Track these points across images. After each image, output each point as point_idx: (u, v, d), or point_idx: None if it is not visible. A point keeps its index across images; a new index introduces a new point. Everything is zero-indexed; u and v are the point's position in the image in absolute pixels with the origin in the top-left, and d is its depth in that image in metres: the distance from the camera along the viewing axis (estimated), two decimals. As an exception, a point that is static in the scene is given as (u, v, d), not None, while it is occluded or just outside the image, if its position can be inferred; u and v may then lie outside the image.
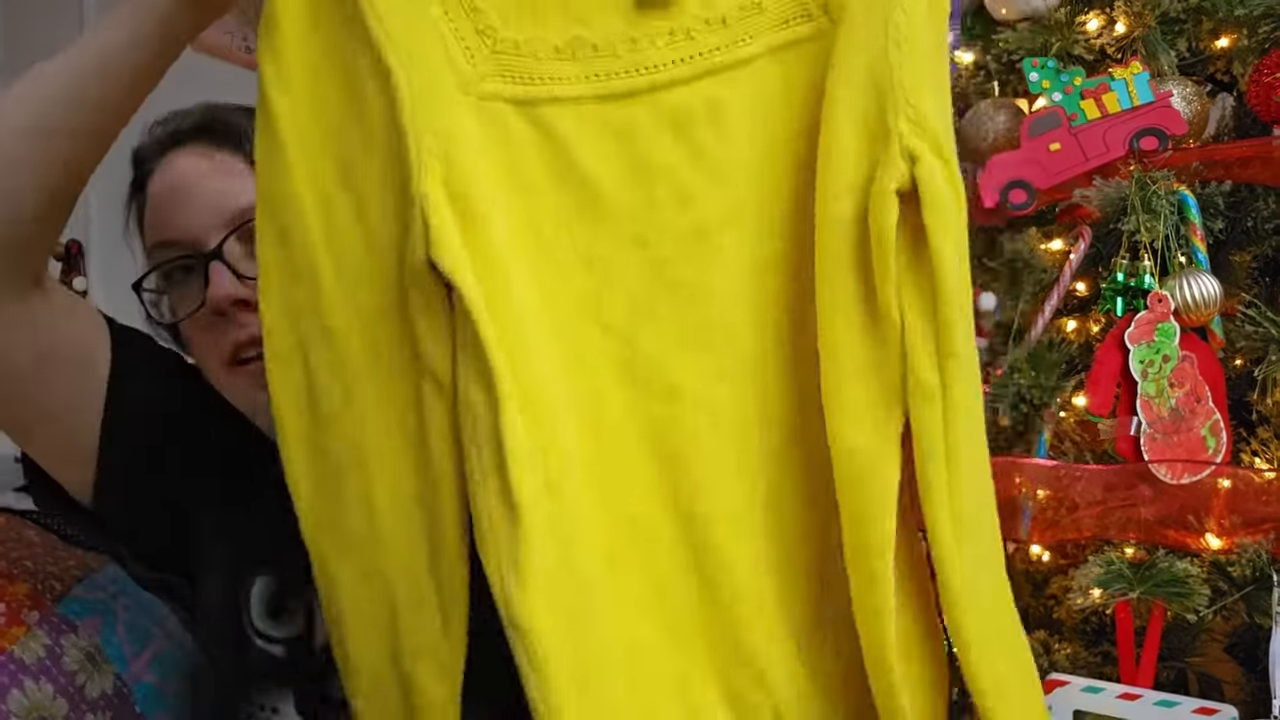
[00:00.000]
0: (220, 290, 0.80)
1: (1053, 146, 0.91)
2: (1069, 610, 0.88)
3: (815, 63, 0.60)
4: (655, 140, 0.61)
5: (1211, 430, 0.81)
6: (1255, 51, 0.89)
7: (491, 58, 0.60)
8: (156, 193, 0.86)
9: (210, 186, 0.83)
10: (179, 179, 0.84)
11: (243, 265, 0.81)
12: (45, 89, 0.73)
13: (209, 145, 0.85)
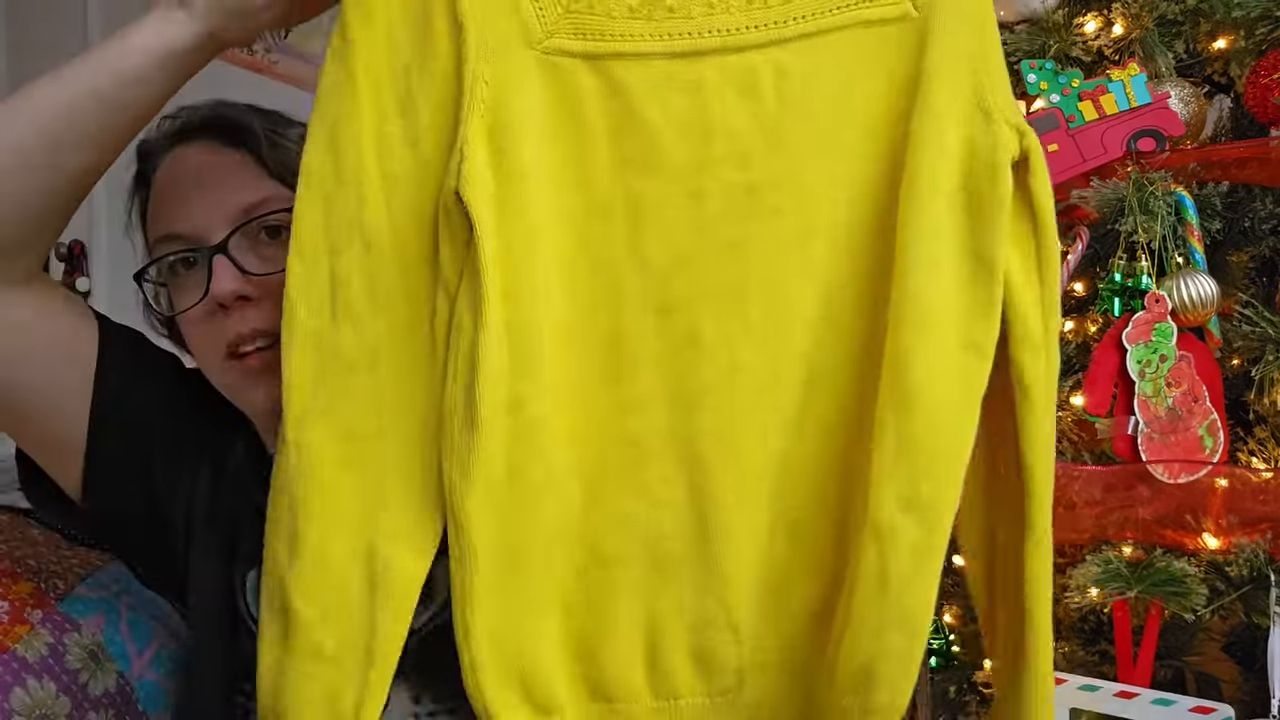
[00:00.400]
0: (223, 285, 0.80)
1: (1051, 148, 0.91)
2: (1067, 609, 0.88)
3: (897, 45, 0.62)
4: (720, 99, 0.63)
5: (1209, 430, 0.81)
6: (1252, 53, 0.89)
7: (565, 17, 0.64)
8: (162, 186, 0.86)
9: (216, 182, 0.83)
10: (185, 173, 0.85)
11: (246, 261, 0.81)
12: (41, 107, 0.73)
13: (217, 142, 0.85)
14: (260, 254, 0.82)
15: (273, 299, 0.77)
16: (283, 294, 0.74)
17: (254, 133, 0.84)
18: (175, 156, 0.85)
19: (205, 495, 0.89)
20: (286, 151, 0.84)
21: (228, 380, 0.84)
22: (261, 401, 0.83)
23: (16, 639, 0.86)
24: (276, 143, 0.84)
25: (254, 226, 0.81)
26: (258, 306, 0.81)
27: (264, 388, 0.81)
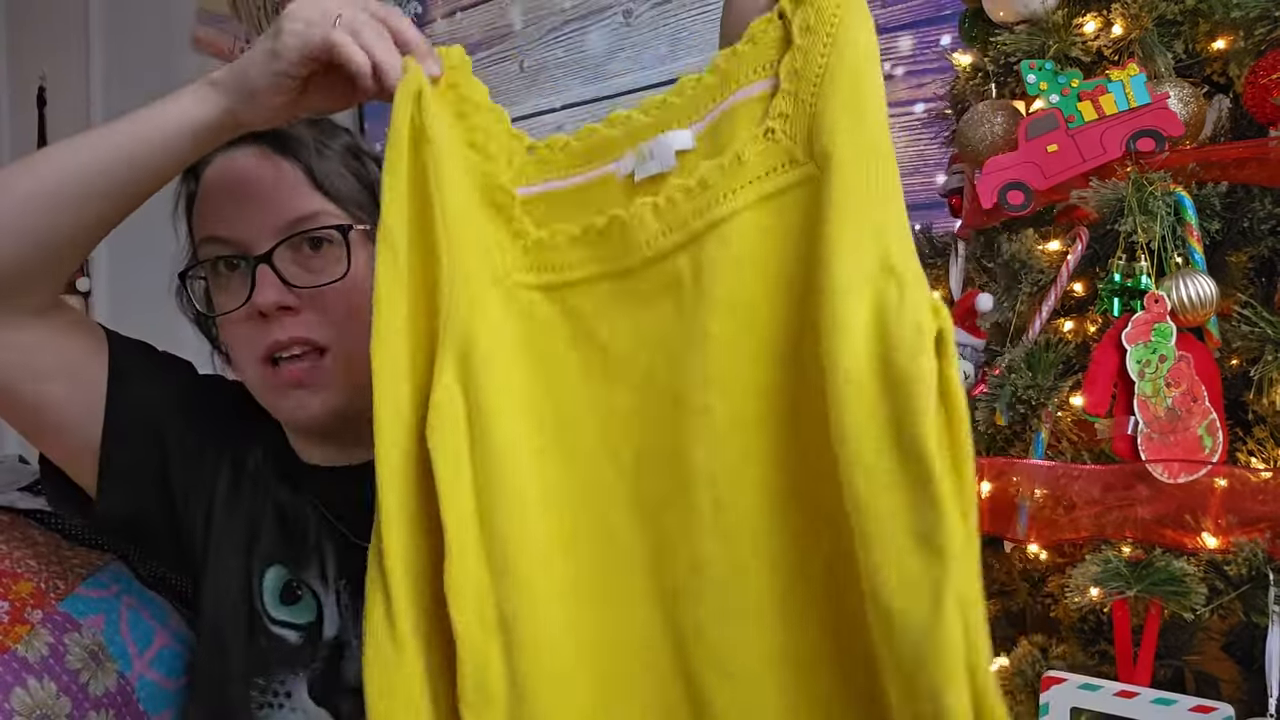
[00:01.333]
0: (267, 295, 0.83)
1: (1050, 148, 0.91)
2: (1066, 609, 0.88)
3: (803, 208, 0.62)
4: (651, 308, 0.66)
5: (1208, 430, 0.81)
6: (1252, 53, 0.89)
7: (523, 255, 0.69)
8: (213, 185, 0.88)
9: (264, 191, 0.86)
10: (238, 178, 0.86)
11: (289, 272, 0.84)
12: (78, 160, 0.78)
13: (271, 150, 0.87)
14: (304, 265, 0.84)
15: (313, 309, 0.83)
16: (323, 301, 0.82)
17: (304, 143, 0.86)
18: (228, 156, 0.87)
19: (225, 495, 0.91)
20: (331, 162, 0.86)
21: (262, 385, 0.86)
22: (290, 410, 0.86)
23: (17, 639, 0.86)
24: (324, 153, 0.86)
25: (298, 239, 0.84)
26: (298, 315, 0.84)
27: (295, 399, 0.84)
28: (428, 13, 2.62)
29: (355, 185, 0.88)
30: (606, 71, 2.21)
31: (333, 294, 0.85)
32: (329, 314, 0.85)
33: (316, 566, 0.90)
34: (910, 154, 1.75)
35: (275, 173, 0.86)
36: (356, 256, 0.85)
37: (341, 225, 0.85)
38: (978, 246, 1.05)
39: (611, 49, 2.20)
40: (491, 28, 2.47)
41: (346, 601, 0.89)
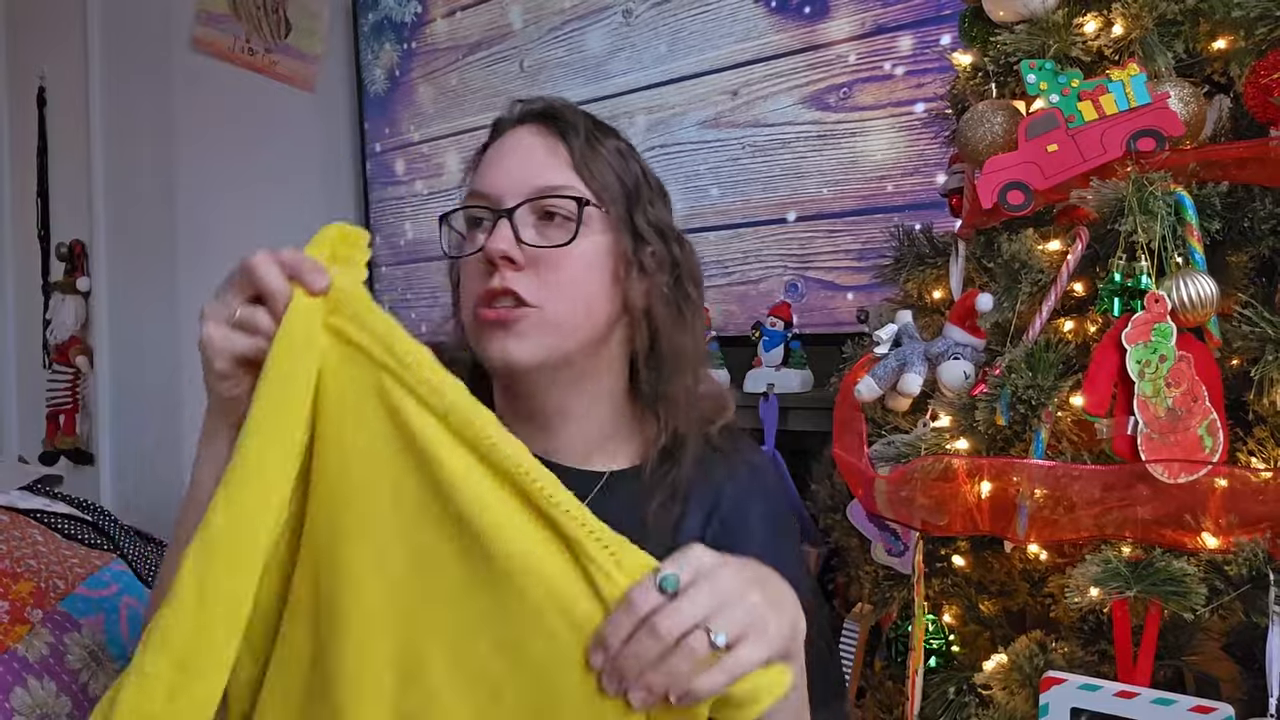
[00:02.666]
0: (497, 243, 0.90)
1: (1050, 148, 0.91)
2: (1066, 609, 0.88)
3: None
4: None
5: (1208, 430, 0.81)
6: (1252, 53, 0.89)
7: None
8: (492, 154, 0.98)
9: (526, 159, 0.95)
10: (510, 148, 0.96)
11: (524, 231, 0.91)
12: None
13: (545, 128, 0.95)
14: (540, 230, 0.93)
15: (533, 269, 0.92)
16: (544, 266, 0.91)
17: (576, 130, 0.95)
18: (512, 133, 0.97)
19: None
20: (594, 150, 0.95)
21: (472, 326, 0.95)
22: (494, 351, 0.92)
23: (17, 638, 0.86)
24: (591, 142, 0.95)
25: (541, 205, 0.93)
26: (519, 271, 0.92)
27: (499, 341, 0.92)
28: (427, 12, 2.62)
29: (613, 177, 0.95)
30: (606, 71, 2.21)
31: (553, 258, 0.91)
32: (544, 276, 0.91)
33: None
34: (910, 154, 1.75)
35: (542, 146, 0.95)
36: (585, 232, 0.92)
37: (578, 197, 0.92)
38: (978, 246, 1.05)
39: (611, 49, 2.20)
40: (491, 28, 2.47)
41: None
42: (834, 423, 1.03)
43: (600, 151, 0.95)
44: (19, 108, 3.05)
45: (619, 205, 0.94)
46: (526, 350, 0.92)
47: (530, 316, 0.91)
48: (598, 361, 0.95)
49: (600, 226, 0.94)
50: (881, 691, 1.14)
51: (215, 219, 2.60)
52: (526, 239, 0.91)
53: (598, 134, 0.96)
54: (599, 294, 0.93)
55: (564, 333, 0.92)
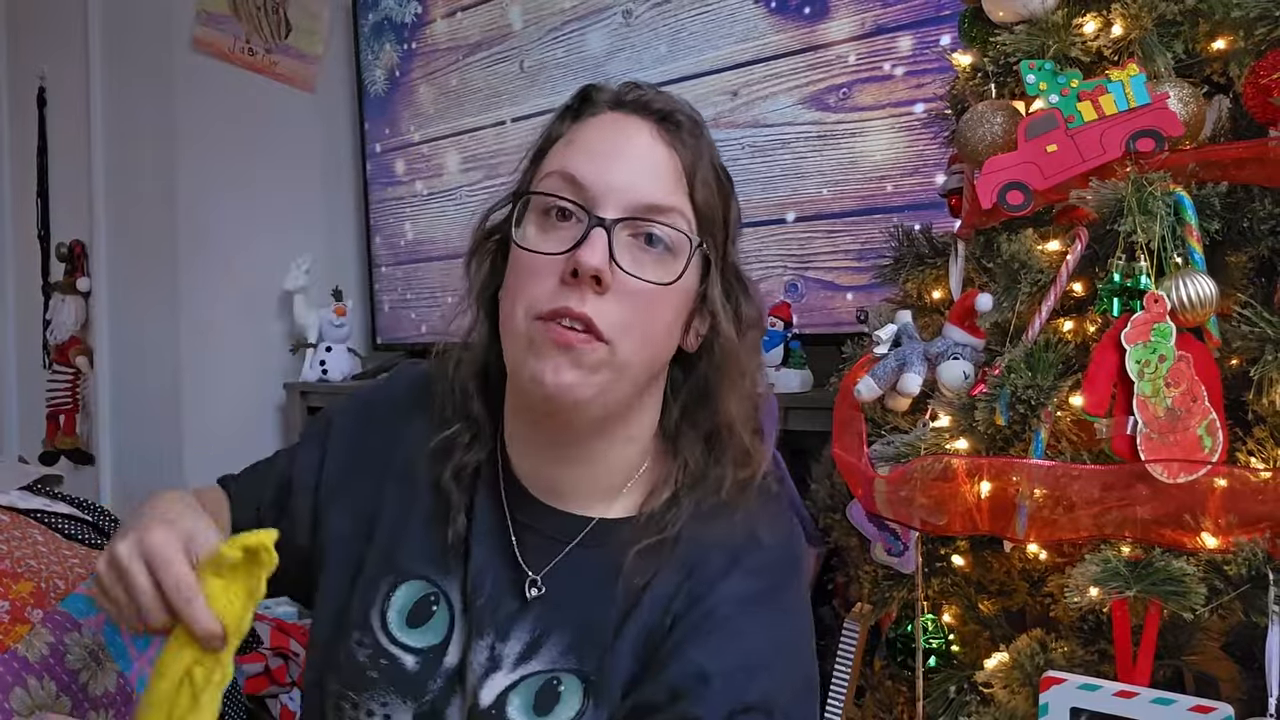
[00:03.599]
0: (592, 258, 0.78)
1: (1050, 148, 0.91)
2: (1066, 608, 0.88)
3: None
4: None
5: (1208, 430, 0.81)
6: (1252, 53, 0.89)
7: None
8: (589, 132, 0.85)
9: (640, 165, 0.82)
10: (620, 137, 0.83)
11: (621, 251, 0.80)
12: None
13: (669, 133, 0.84)
14: (634, 253, 0.81)
15: (616, 298, 0.79)
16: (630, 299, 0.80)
17: (692, 145, 0.84)
18: (624, 118, 0.85)
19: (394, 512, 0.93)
20: (705, 171, 0.84)
21: (525, 335, 0.81)
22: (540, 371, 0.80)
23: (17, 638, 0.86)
24: (702, 160, 0.84)
25: (643, 225, 0.81)
26: (601, 296, 0.79)
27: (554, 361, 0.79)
28: (428, 13, 2.63)
29: (717, 205, 0.85)
30: (606, 72, 2.21)
31: (644, 293, 0.81)
32: (626, 311, 0.80)
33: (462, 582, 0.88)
34: (910, 154, 1.75)
35: (658, 152, 0.83)
36: (689, 272, 0.83)
37: (692, 237, 0.82)
38: (977, 246, 1.05)
39: (611, 49, 2.20)
40: (491, 28, 2.47)
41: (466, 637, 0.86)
42: (834, 423, 1.03)
43: (709, 171, 0.85)
44: (19, 108, 3.05)
45: (717, 242, 0.85)
46: (583, 385, 0.80)
47: (600, 351, 0.79)
48: (641, 402, 0.86)
49: (696, 263, 0.83)
50: (881, 691, 1.14)
51: (215, 219, 2.60)
52: (623, 263, 0.80)
53: (710, 149, 0.86)
54: (670, 338, 0.84)
55: (627, 376, 0.81)
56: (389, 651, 0.87)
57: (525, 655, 0.84)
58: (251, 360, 2.66)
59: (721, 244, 0.85)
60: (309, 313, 2.62)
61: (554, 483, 0.88)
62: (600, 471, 0.87)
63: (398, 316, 2.75)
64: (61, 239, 2.85)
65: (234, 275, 2.62)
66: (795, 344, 1.75)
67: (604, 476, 0.88)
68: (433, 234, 2.64)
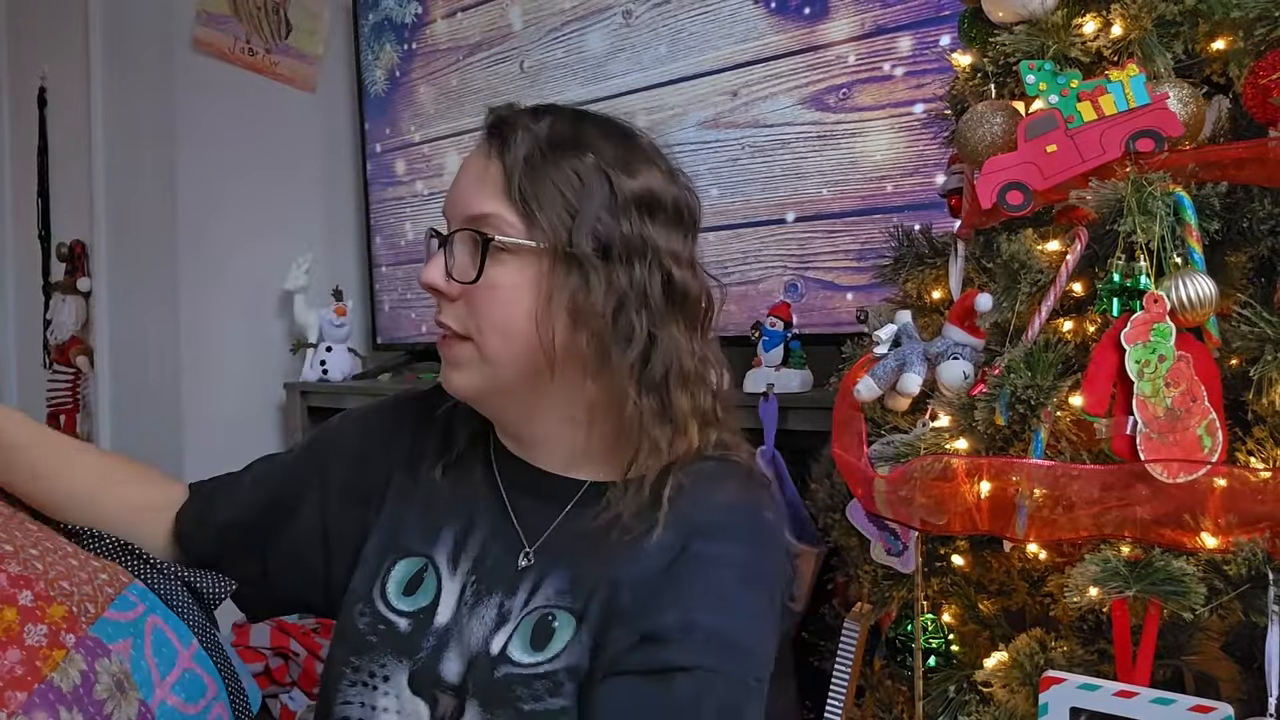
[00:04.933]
0: (426, 275, 0.93)
1: (1049, 148, 0.91)
2: (1065, 608, 0.88)
3: None
4: None
5: (1207, 430, 0.81)
6: (1251, 54, 0.89)
7: None
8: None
9: (468, 182, 0.93)
10: (466, 162, 0.95)
11: (456, 260, 0.92)
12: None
13: (490, 144, 0.93)
14: (470, 258, 0.91)
15: (466, 301, 0.91)
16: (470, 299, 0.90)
17: (518, 149, 0.90)
18: (475, 146, 0.95)
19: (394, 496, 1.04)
20: (540, 174, 0.89)
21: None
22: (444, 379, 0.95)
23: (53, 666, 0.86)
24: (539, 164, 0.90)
25: (463, 235, 0.92)
26: (453, 302, 0.92)
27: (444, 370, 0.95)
28: (428, 13, 2.63)
29: (557, 202, 0.89)
30: (606, 72, 2.21)
31: (476, 291, 0.90)
32: (471, 309, 0.91)
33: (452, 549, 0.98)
34: (910, 154, 1.75)
35: (481, 167, 0.93)
36: (492, 266, 0.90)
37: (484, 235, 0.90)
38: (977, 246, 1.05)
39: (611, 49, 2.20)
40: (491, 28, 2.47)
41: (469, 599, 0.94)
42: (833, 422, 1.03)
43: (547, 172, 0.89)
44: (19, 108, 3.05)
45: (557, 233, 0.88)
46: (463, 381, 0.93)
47: (465, 348, 0.92)
48: (552, 389, 0.92)
49: (531, 257, 0.90)
50: (881, 691, 1.14)
51: (215, 219, 2.60)
52: (455, 272, 0.91)
53: (553, 154, 0.90)
54: (524, 327, 0.89)
55: (497, 365, 0.91)
56: (385, 617, 0.96)
57: (527, 600, 0.92)
58: (251, 360, 2.66)
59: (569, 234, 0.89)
60: (309, 313, 2.62)
61: (533, 457, 0.98)
62: (556, 446, 0.97)
63: (398, 316, 2.75)
64: (62, 239, 2.85)
65: (234, 275, 2.62)
66: (795, 344, 1.75)
67: (569, 449, 0.96)
68: (433, 234, 2.64)
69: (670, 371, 0.91)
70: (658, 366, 0.90)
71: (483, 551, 0.96)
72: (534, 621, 0.90)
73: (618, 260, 0.89)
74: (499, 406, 0.97)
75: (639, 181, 0.91)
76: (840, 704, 1.12)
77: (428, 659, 0.92)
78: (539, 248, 0.89)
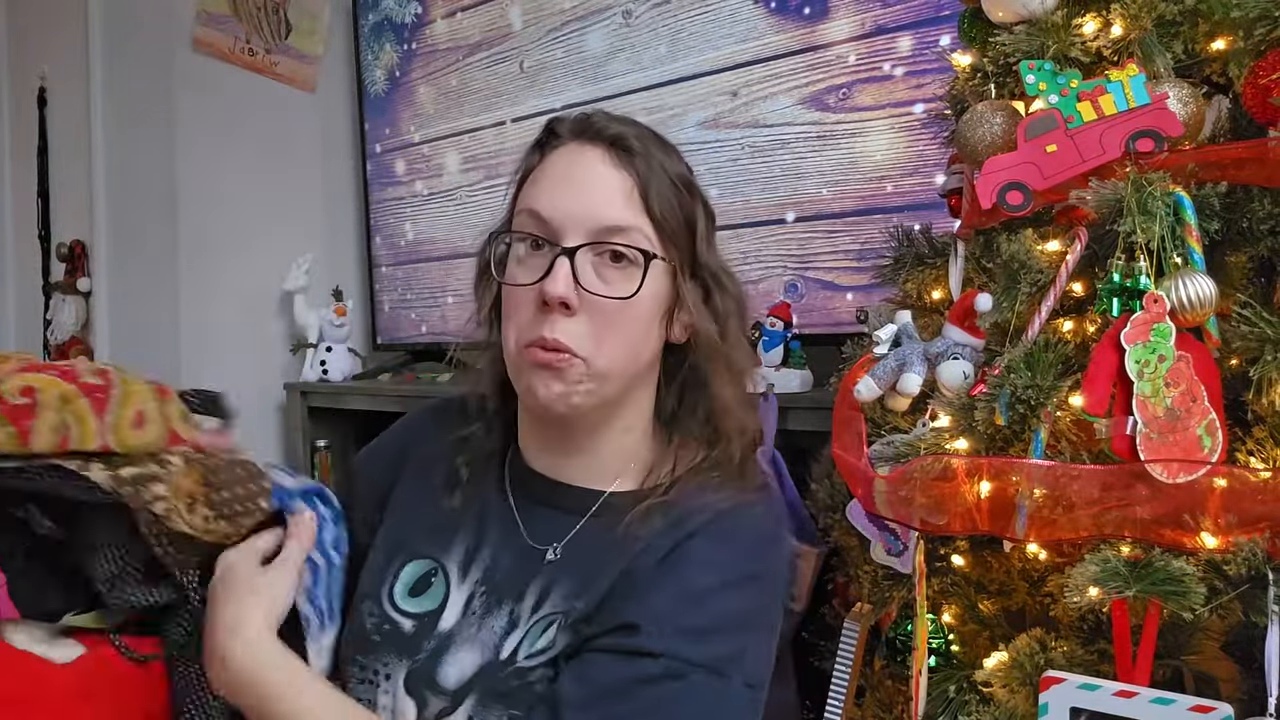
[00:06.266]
0: (555, 287, 0.87)
1: (1049, 148, 0.91)
2: (1065, 608, 0.88)
3: None
4: None
5: (1207, 430, 0.81)
6: (1251, 54, 0.89)
7: None
8: (554, 168, 0.93)
9: (595, 192, 0.90)
10: (581, 169, 0.91)
11: (584, 273, 0.88)
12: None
13: (613, 155, 0.91)
14: (600, 272, 0.89)
15: (589, 317, 0.89)
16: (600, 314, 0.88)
17: (646, 160, 0.91)
18: (577, 147, 0.92)
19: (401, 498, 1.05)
20: (663, 184, 0.91)
21: (516, 358, 0.92)
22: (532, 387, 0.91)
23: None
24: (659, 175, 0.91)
25: (603, 246, 0.89)
26: (572, 317, 0.89)
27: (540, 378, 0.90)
28: (428, 13, 2.63)
29: (677, 215, 0.92)
30: (606, 72, 2.21)
31: (611, 308, 0.89)
32: (597, 326, 0.89)
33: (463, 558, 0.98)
34: (910, 154, 1.75)
35: (611, 177, 0.90)
36: (649, 283, 0.90)
37: (646, 250, 0.90)
38: (977, 246, 1.05)
39: (611, 49, 2.20)
40: (491, 28, 2.47)
41: (478, 608, 0.95)
42: (833, 422, 1.03)
43: (666, 185, 0.92)
44: (19, 108, 3.05)
45: (682, 248, 0.92)
46: (571, 397, 0.91)
47: (579, 366, 0.90)
48: (633, 396, 0.96)
49: (661, 271, 0.91)
50: (881, 691, 1.14)
51: (215, 219, 2.60)
52: (585, 283, 0.88)
53: (665, 163, 0.93)
54: (647, 340, 0.93)
55: (609, 381, 0.91)
56: (391, 618, 0.97)
57: (536, 606, 0.92)
58: (251, 360, 2.66)
59: (688, 248, 0.93)
60: (309, 313, 2.62)
61: (563, 469, 0.98)
62: (604, 458, 0.97)
63: (398, 316, 2.75)
64: (62, 239, 2.85)
65: (234, 275, 2.62)
66: (795, 344, 1.75)
67: (608, 461, 0.97)
68: (433, 234, 2.64)
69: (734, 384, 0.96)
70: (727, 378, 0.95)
71: (494, 563, 0.97)
72: (543, 628, 0.91)
73: (719, 285, 0.95)
74: (581, 418, 0.94)
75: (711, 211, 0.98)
76: (840, 704, 1.12)
77: (426, 661, 0.93)
78: (672, 266, 0.92)
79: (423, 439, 1.07)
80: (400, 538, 1.01)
